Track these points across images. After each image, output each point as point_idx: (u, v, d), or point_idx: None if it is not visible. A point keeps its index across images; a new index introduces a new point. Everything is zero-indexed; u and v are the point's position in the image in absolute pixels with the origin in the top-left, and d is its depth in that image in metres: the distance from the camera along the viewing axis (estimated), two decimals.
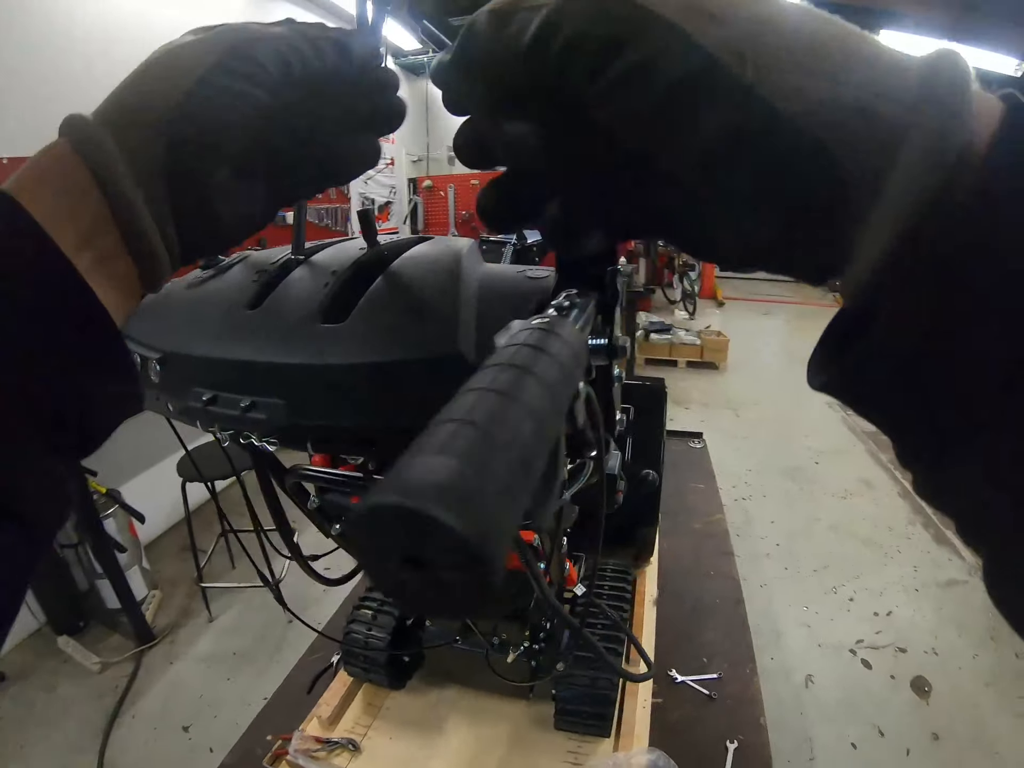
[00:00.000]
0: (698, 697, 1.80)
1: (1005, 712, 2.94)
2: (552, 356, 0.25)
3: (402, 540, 0.17)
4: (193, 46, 0.40)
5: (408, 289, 0.64)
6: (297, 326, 0.63)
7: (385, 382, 0.59)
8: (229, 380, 0.64)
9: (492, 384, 0.22)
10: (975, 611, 3.60)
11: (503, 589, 1.11)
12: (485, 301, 0.62)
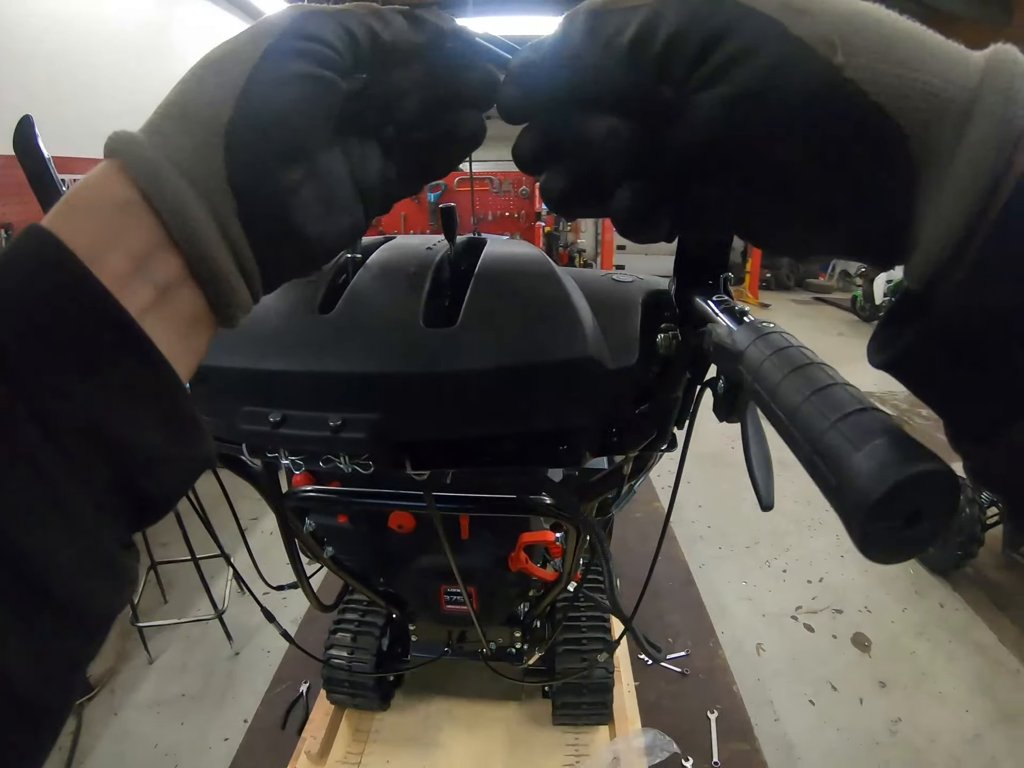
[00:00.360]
0: (671, 675, 1.87)
1: (939, 655, 3.20)
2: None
3: (909, 501, 0.24)
4: (243, 36, 0.35)
5: (513, 294, 0.63)
6: (396, 332, 0.59)
7: (516, 386, 0.58)
8: (309, 396, 0.58)
9: (836, 377, 0.29)
10: (896, 570, 3.88)
11: (513, 592, 1.12)
12: (599, 307, 0.63)
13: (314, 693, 1.81)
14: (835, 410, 0.27)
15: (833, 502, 0.26)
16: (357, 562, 1.14)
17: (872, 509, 0.23)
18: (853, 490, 0.24)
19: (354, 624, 1.47)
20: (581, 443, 0.66)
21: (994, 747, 2.69)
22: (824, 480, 0.26)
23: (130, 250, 0.29)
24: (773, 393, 0.31)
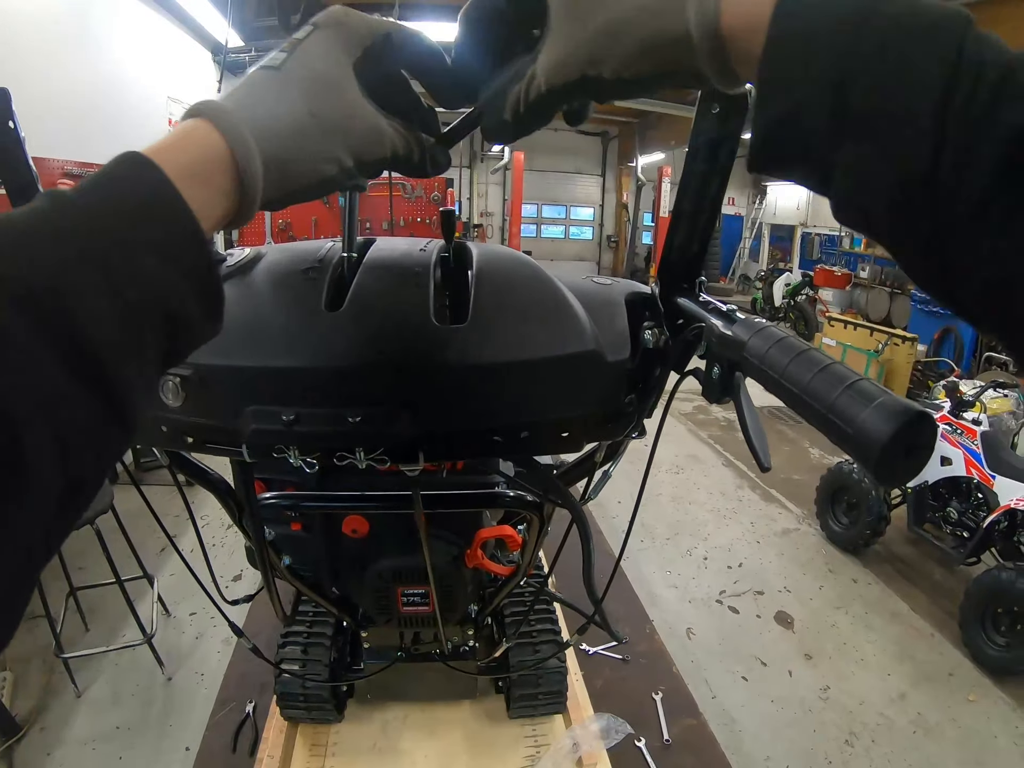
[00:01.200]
0: (613, 662, 1.92)
1: (858, 626, 3.43)
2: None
3: (908, 439, 0.34)
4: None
5: (513, 293, 0.67)
6: (409, 328, 0.62)
7: (528, 379, 0.62)
8: (323, 392, 0.59)
9: (825, 359, 0.41)
10: (811, 551, 4.16)
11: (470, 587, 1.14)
12: (588, 306, 0.68)
13: (261, 712, 1.77)
14: (840, 381, 0.39)
15: (849, 446, 0.37)
16: (313, 570, 1.13)
17: (886, 446, 0.34)
18: (868, 435, 0.35)
19: (304, 636, 1.45)
20: (581, 431, 0.71)
21: (918, 704, 2.93)
22: (840, 431, 0.37)
23: (215, 187, 0.41)
24: (782, 373, 0.42)
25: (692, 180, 0.59)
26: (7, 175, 0.71)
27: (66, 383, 0.30)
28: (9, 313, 0.29)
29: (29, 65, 3.87)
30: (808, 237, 14.28)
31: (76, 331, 0.31)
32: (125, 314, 0.33)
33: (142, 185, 0.36)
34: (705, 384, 0.52)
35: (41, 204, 0.34)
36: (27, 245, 0.31)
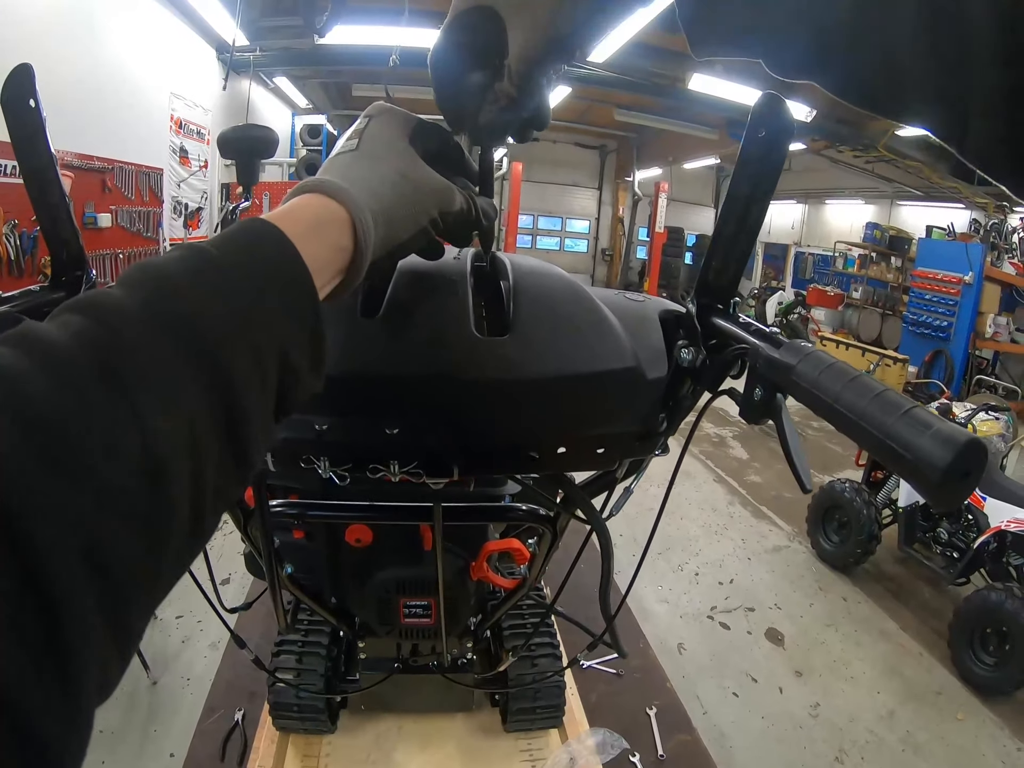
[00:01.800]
0: (607, 677, 1.92)
1: (847, 643, 3.43)
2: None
3: (965, 464, 0.36)
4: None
5: (552, 307, 0.66)
6: (451, 338, 0.61)
7: (571, 394, 0.62)
8: (359, 401, 0.59)
9: (877, 385, 0.43)
10: (801, 568, 4.16)
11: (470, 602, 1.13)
12: (623, 322, 0.68)
13: (250, 720, 1.75)
14: (896, 408, 0.40)
15: (908, 471, 0.38)
16: (314, 579, 1.13)
17: (946, 470, 0.36)
18: (929, 460, 0.37)
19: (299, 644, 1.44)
20: (617, 447, 0.71)
21: (907, 722, 2.92)
22: (898, 456, 0.39)
23: (330, 253, 0.45)
24: (836, 398, 0.43)
25: (735, 204, 0.59)
26: (25, 155, 0.70)
27: (206, 414, 0.33)
28: (164, 347, 0.32)
29: (32, 55, 3.81)
30: (802, 256, 14.36)
31: (220, 372, 0.34)
32: (254, 354, 0.36)
33: (271, 249, 0.40)
34: (745, 404, 0.53)
35: (189, 256, 0.37)
36: (183, 294, 0.35)
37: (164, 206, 6.04)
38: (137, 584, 0.29)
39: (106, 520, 0.27)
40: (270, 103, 9.39)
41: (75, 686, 0.25)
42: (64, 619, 0.24)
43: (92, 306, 0.32)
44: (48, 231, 0.77)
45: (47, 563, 0.24)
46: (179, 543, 0.32)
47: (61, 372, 0.28)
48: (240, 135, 0.95)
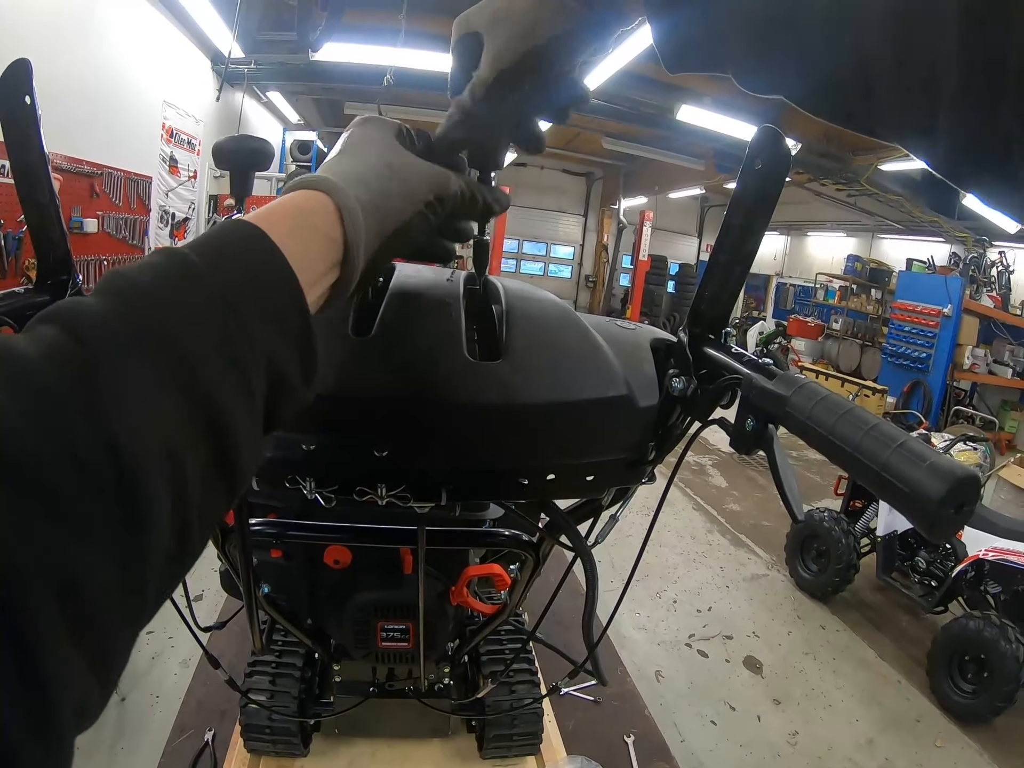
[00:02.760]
0: (585, 704, 1.90)
1: (826, 671, 3.42)
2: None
3: (959, 496, 0.37)
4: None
5: (545, 333, 0.66)
6: (443, 361, 0.61)
7: (562, 421, 0.62)
8: (352, 423, 0.58)
9: (872, 418, 0.43)
10: (780, 597, 4.16)
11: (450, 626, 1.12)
12: (617, 350, 0.69)
13: (221, 741, 1.72)
14: (891, 440, 0.40)
15: (904, 503, 0.39)
16: (290, 600, 1.11)
17: (940, 503, 0.36)
18: (925, 493, 0.37)
19: (273, 666, 1.41)
20: (606, 475, 0.71)
21: (886, 750, 2.92)
22: (893, 489, 0.39)
23: (319, 246, 0.44)
24: (831, 430, 0.43)
25: (730, 234, 0.59)
26: (17, 151, 0.68)
27: (185, 429, 0.32)
28: (140, 361, 0.31)
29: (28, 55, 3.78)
30: (783, 287, 14.57)
31: (200, 386, 0.33)
32: (237, 367, 0.35)
33: (255, 254, 0.39)
34: (736, 435, 0.53)
35: (166, 264, 0.36)
36: (161, 304, 0.33)
37: (151, 214, 5.98)
38: (114, 612, 0.28)
39: (79, 547, 0.26)
40: (262, 117, 9.41)
41: (53, 718, 0.25)
42: (37, 651, 0.24)
43: (67, 318, 0.31)
44: (36, 231, 0.76)
45: (17, 593, 0.23)
46: (161, 566, 0.31)
47: (32, 395, 0.27)
48: (236, 146, 0.94)
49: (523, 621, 1.56)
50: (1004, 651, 2.97)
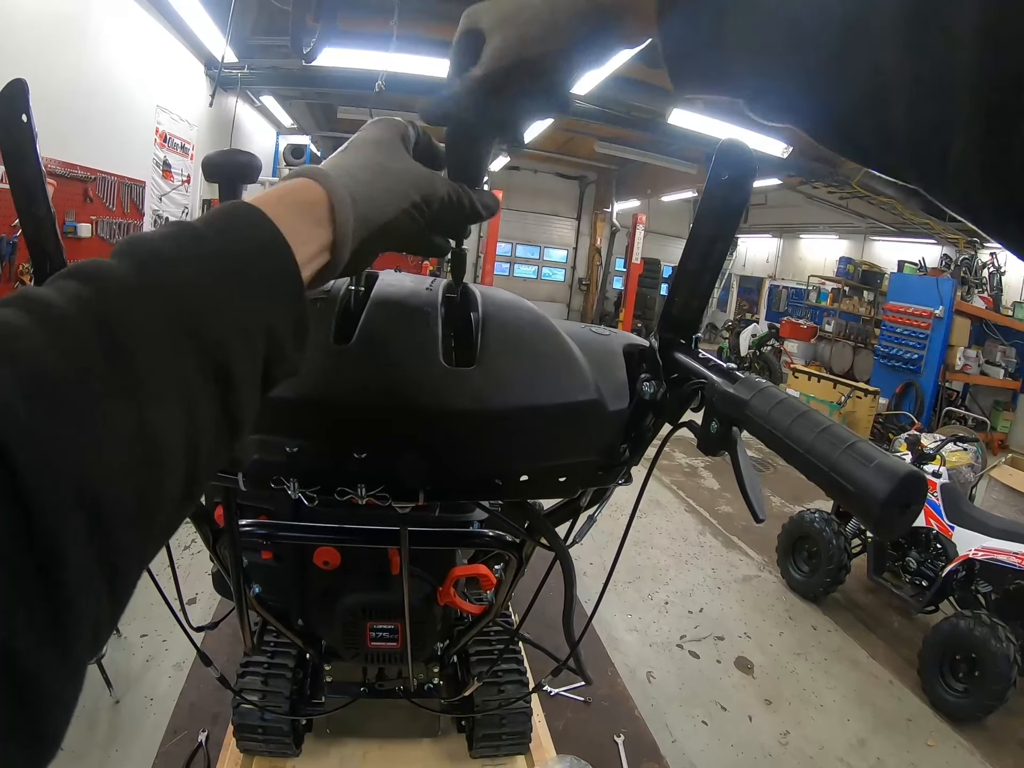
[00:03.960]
0: (575, 704, 1.92)
1: (817, 672, 3.44)
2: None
3: (905, 496, 0.38)
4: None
5: (519, 339, 0.68)
6: (421, 368, 0.62)
7: (534, 424, 0.64)
8: (329, 426, 0.59)
9: (825, 420, 0.45)
10: (771, 598, 4.18)
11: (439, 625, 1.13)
12: (588, 355, 0.71)
13: (214, 742, 1.73)
14: (841, 442, 0.42)
15: (851, 502, 0.40)
16: (281, 600, 1.12)
17: (886, 501, 0.38)
18: (870, 492, 0.39)
19: (265, 666, 1.43)
20: (578, 477, 0.73)
21: (878, 750, 2.94)
22: (841, 488, 0.41)
23: (310, 228, 0.46)
24: (786, 432, 0.45)
25: (698, 242, 0.61)
26: (15, 168, 0.71)
27: (196, 378, 0.34)
28: (156, 314, 0.33)
29: (22, 61, 3.79)
30: (776, 290, 14.61)
31: (209, 336, 0.35)
32: (240, 324, 0.37)
33: (257, 231, 0.42)
34: (702, 437, 0.55)
35: (179, 233, 0.38)
36: (175, 265, 0.36)
37: (145, 219, 5.98)
38: (132, 538, 0.29)
39: (103, 471, 0.28)
40: (256, 121, 9.41)
41: (71, 634, 0.26)
42: (64, 563, 0.25)
43: (88, 273, 0.33)
44: (32, 243, 0.78)
45: (46, 505, 0.24)
46: (172, 503, 0.33)
47: (59, 327, 0.29)
48: (225, 160, 0.96)
49: (512, 622, 1.58)
50: (995, 650, 2.99)
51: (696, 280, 0.63)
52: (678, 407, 0.62)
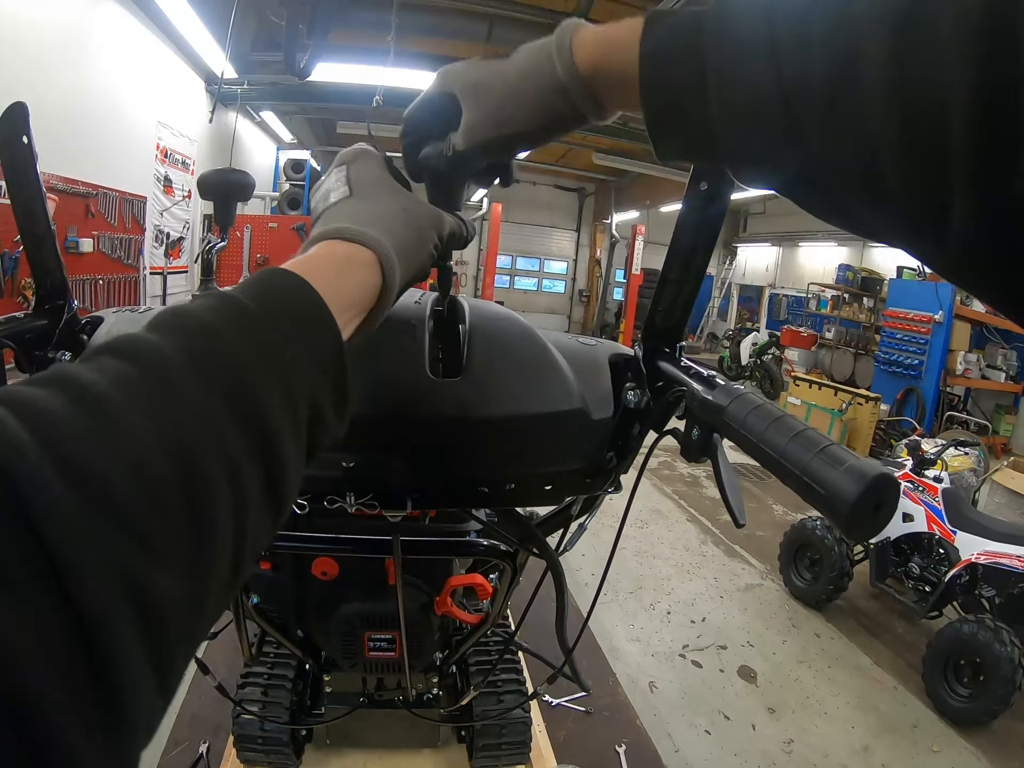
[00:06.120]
0: (576, 714, 1.92)
1: (821, 679, 3.43)
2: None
3: (875, 497, 0.38)
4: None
5: (505, 350, 0.70)
6: (406, 379, 0.64)
7: (518, 433, 0.65)
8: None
9: (799, 425, 0.46)
10: (774, 606, 4.17)
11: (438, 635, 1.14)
12: (573, 365, 0.72)
13: (215, 753, 1.73)
14: (814, 446, 0.43)
15: (822, 505, 0.41)
16: (279, 611, 1.13)
17: (855, 503, 0.38)
18: (839, 494, 0.39)
19: (264, 676, 1.43)
20: (564, 485, 0.75)
21: (883, 756, 2.93)
22: (812, 491, 0.42)
23: (358, 285, 0.49)
24: (761, 437, 0.46)
25: (679, 252, 0.63)
26: (16, 190, 0.73)
27: (244, 455, 0.33)
28: (206, 395, 0.33)
29: (23, 77, 3.81)
30: (776, 298, 14.63)
31: (258, 413, 0.35)
32: (289, 401, 0.37)
33: (298, 300, 0.42)
34: (684, 444, 0.56)
35: (222, 306, 0.38)
36: (222, 339, 0.36)
37: (146, 234, 5.99)
38: (179, 625, 0.29)
39: (151, 562, 0.27)
40: (256, 136, 9.47)
41: (125, 733, 0.25)
42: (117, 664, 0.24)
43: (128, 350, 0.32)
44: (34, 260, 0.80)
45: (90, 594, 0.24)
46: (219, 588, 0.32)
47: (98, 408, 0.28)
48: (219, 179, 0.98)
49: (511, 632, 1.58)
50: (999, 654, 2.98)
51: (678, 290, 0.64)
52: (662, 415, 0.63)
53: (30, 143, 0.72)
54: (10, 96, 0.79)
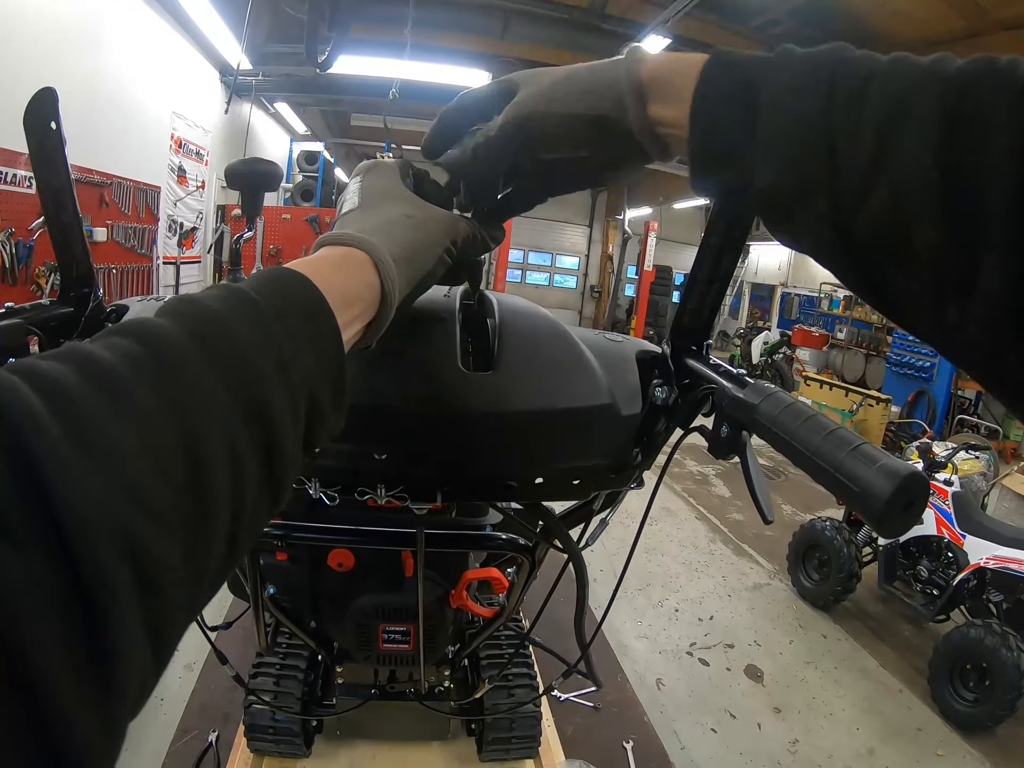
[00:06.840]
0: (584, 710, 1.93)
1: (827, 680, 3.43)
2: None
3: (907, 495, 0.39)
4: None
5: (534, 345, 0.70)
6: (439, 372, 0.64)
7: (548, 428, 0.66)
8: (353, 428, 0.58)
9: (831, 424, 0.46)
10: (781, 606, 4.17)
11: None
12: (602, 361, 0.72)
13: (224, 743, 1.74)
14: (846, 444, 0.44)
15: (855, 502, 0.42)
16: (294, 601, 1.14)
17: (888, 501, 0.39)
18: (873, 491, 0.40)
19: (277, 667, 1.44)
20: (591, 480, 0.75)
21: (887, 759, 2.93)
22: (846, 488, 0.42)
23: (359, 290, 0.49)
24: (793, 435, 0.47)
25: (708, 252, 0.63)
26: (45, 176, 0.73)
27: (245, 440, 0.35)
28: (210, 377, 0.34)
29: (40, 67, 3.83)
30: (788, 297, 14.57)
31: (258, 398, 0.36)
32: (289, 387, 0.39)
33: (301, 295, 0.43)
34: (713, 441, 0.56)
35: (230, 296, 0.39)
36: (228, 326, 0.37)
37: (160, 224, 6.02)
38: (178, 591, 0.29)
39: (152, 526, 0.28)
40: (270, 128, 9.49)
41: (117, 695, 0.25)
42: (112, 623, 0.25)
43: (138, 331, 0.34)
44: (60, 248, 0.80)
45: (95, 565, 0.24)
46: (215, 563, 0.33)
47: (108, 381, 0.29)
48: (248, 168, 0.98)
49: (523, 626, 1.59)
50: (1005, 659, 2.97)
51: (706, 288, 0.64)
52: (689, 412, 0.63)
53: (59, 129, 0.71)
54: (27, 85, 0.79)
